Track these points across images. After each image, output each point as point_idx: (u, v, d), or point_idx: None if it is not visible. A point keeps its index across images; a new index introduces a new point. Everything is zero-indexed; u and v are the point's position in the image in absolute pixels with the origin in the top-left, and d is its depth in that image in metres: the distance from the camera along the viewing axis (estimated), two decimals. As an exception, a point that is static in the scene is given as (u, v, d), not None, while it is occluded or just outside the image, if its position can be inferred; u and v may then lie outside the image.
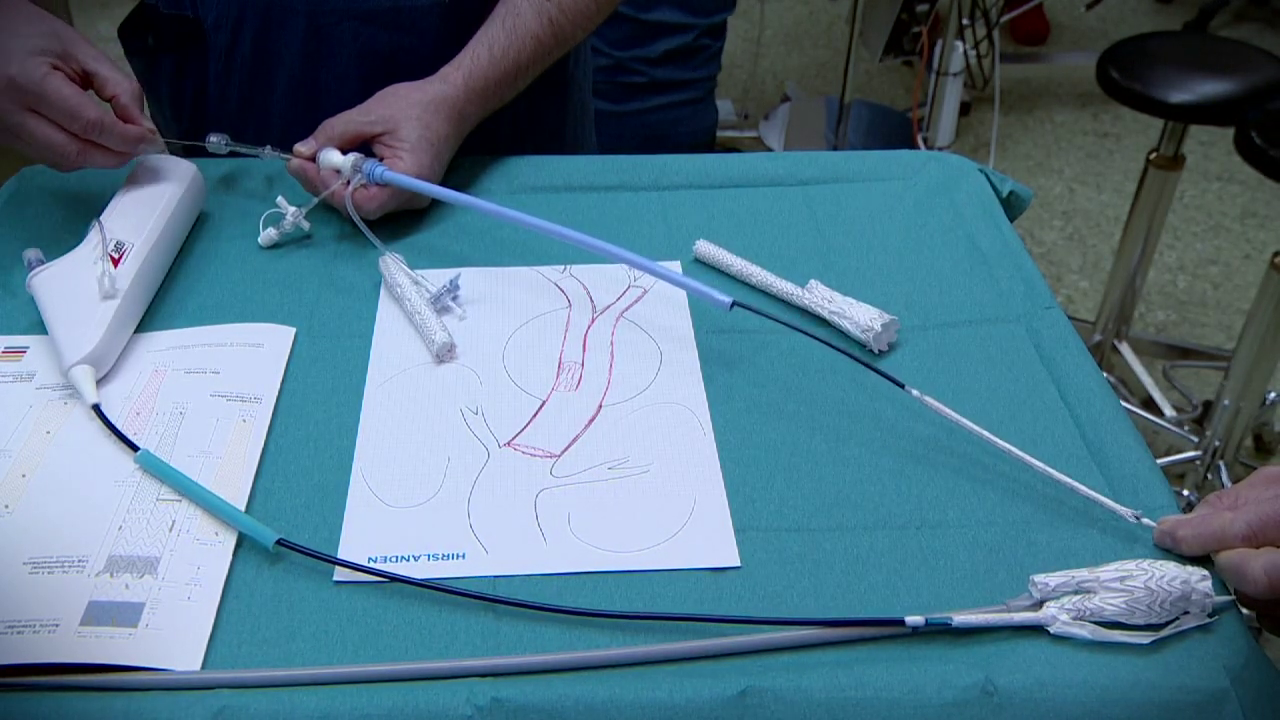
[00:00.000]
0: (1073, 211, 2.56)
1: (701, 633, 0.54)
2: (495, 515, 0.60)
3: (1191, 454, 1.81)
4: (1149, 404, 1.94)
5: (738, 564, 0.58)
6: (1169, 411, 1.90)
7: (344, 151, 0.81)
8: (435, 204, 0.85)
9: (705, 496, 0.62)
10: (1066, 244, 2.45)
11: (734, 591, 0.57)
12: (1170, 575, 0.54)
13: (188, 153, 0.86)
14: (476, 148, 0.89)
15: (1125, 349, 2.01)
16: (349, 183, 0.80)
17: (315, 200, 0.82)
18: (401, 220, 0.84)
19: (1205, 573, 0.55)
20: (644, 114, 2.02)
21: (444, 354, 0.71)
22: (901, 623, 0.53)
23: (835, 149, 2.42)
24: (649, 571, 0.58)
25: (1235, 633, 0.54)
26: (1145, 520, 0.59)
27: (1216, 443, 1.76)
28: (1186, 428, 1.87)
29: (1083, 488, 0.60)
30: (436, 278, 0.77)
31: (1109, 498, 0.60)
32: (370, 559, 0.57)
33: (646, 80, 1.98)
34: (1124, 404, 1.91)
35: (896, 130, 2.62)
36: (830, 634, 0.54)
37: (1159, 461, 1.84)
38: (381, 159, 0.81)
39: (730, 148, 2.60)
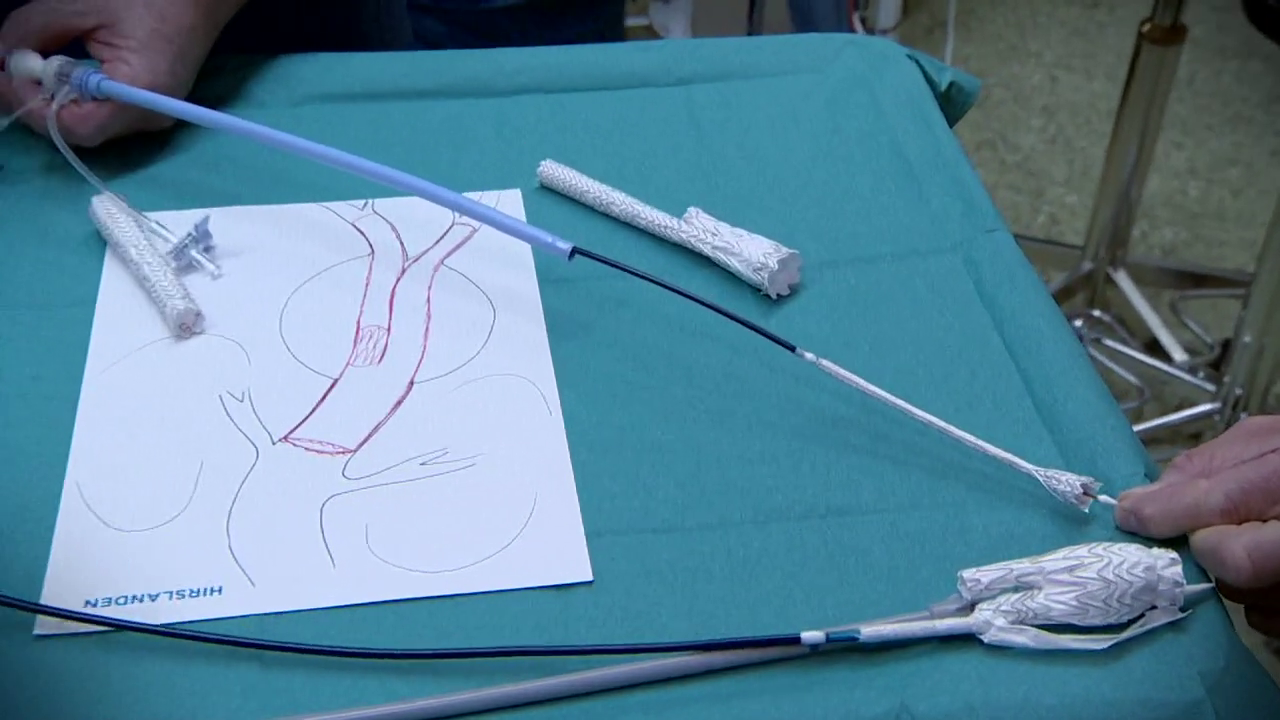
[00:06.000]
0: (1055, 106, 2.62)
1: (544, 669, 0.54)
2: (266, 534, 0.60)
3: (1208, 406, 1.87)
4: (1154, 347, 2.00)
5: (590, 578, 0.59)
6: (1179, 355, 1.96)
7: (45, 54, 0.79)
8: (180, 124, 0.83)
9: (549, 494, 0.62)
10: (1048, 149, 2.51)
11: (586, 614, 0.57)
12: (1131, 562, 0.56)
13: None
14: (244, 43, 0.87)
15: (1123, 279, 2.05)
16: (53, 97, 0.77)
17: (7, 121, 0.80)
18: (132, 146, 0.82)
19: (1174, 555, 0.56)
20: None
21: (186, 325, 0.70)
22: (797, 640, 0.54)
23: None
24: (475, 594, 0.58)
25: (1214, 630, 0.56)
26: (1104, 498, 0.61)
27: (1238, 391, 1.81)
28: (1202, 374, 1.93)
29: (1023, 463, 0.62)
30: (181, 222, 0.75)
31: (1061, 468, 0.62)
32: (88, 603, 0.57)
33: None
34: (1123, 348, 1.98)
35: (829, 12, 2.63)
36: (708, 660, 0.54)
37: (1168, 419, 1.90)
38: (103, 62, 0.79)
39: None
